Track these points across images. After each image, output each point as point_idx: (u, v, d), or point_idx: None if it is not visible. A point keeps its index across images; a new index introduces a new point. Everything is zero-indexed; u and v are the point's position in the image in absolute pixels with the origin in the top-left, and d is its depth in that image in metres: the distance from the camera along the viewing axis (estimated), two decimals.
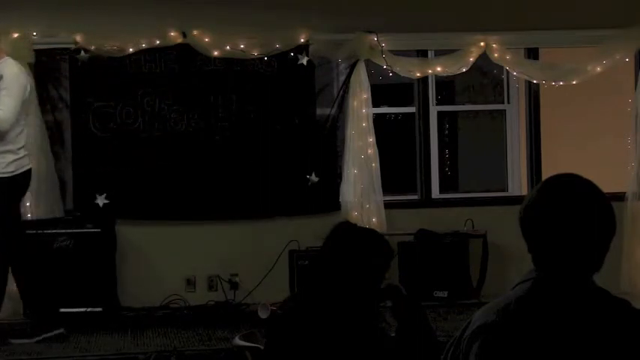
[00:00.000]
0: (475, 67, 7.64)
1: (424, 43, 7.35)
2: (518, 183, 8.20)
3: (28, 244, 5.90)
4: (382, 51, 7.03)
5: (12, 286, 6.53)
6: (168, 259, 6.97)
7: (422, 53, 7.46)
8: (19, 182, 5.74)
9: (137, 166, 6.94)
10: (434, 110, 7.87)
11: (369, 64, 7.13)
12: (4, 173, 5.62)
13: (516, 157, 8.23)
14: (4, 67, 5.68)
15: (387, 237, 3.44)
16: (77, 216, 6.70)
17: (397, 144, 8.48)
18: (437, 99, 8.37)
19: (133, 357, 5.38)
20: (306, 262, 6.57)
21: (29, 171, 5.79)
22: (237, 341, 3.52)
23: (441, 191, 8.02)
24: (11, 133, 5.64)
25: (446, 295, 6.82)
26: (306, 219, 6.93)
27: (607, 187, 2.20)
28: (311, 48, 7.05)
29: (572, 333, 1.95)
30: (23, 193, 5.92)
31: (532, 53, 7.50)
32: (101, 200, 6.84)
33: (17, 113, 5.61)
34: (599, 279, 2.05)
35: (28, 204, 6.63)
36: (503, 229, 6.69)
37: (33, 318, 5.86)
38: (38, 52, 6.73)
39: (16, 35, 6.64)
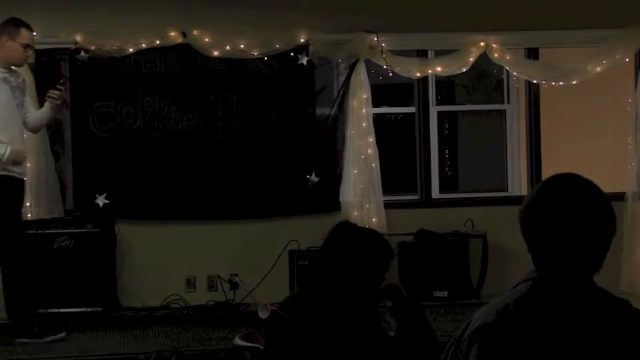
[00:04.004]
0: (475, 67, 7.64)
1: (424, 43, 7.34)
2: (518, 183, 8.19)
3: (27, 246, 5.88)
4: (382, 51, 7.03)
5: None
6: (168, 259, 6.97)
7: (422, 53, 7.46)
8: None
9: (137, 166, 6.94)
10: (434, 110, 7.87)
11: (369, 64, 7.13)
12: None
13: (516, 157, 8.22)
14: None
15: (387, 237, 3.45)
16: (77, 216, 6.69)
17: (397, 144, 8.47)
18: (437, 99, 8.36)
19: (133, 357, 5.37)
20: (306, 262, 6.57)
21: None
22: (237, 341, 3.52)
23: (441, 191, 8.02)
24: None
25: (446, 295, 6.82)
26: (306, 219, 6.93)
27: (607, 187, 2.20)
28: (311, 48, 7.05)
29: (572, 333, 1.95)
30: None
31: (532, 53, 7.50)
32: (101, 200, 6.84)
33: None
34: (599, 279, 2.05)
35: (28, 204, 6.63)
36: (503, 229, 6.70)
37: (12, 321, 5.81)
38: (38, 52, 6.71)
39: None
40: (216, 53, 6.94)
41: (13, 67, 5.86)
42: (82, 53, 6.79)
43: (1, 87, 5.73)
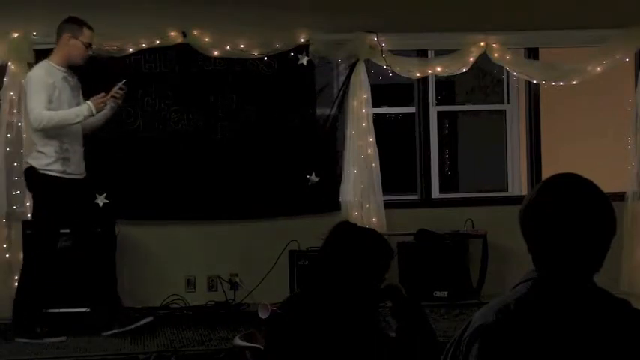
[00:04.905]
0: (475, 67, 7.64)
1: (424, 43, 7.34)
2: (518, 183, 8.20)
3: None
4: (382, 51, 7.03)
5: (13, 285, 6.54)
6: (168, 259, 6.97)
7: (422, 53, 7.45)
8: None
9: (137, 166, 6.93)
10: (434, 110, 7.87)
11: (369, 64, 7.13)
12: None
13: (516, 157, 8.23)
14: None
15: (387, 237, 3.44)
16: None
17: (397, 144, 8.47)
18: (437, 99, 8.37)
19: (133, 357, 5.38)
20: (306, 262, 6.57)
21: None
22: (237, 341, 3.52)
23: (441, 191, 8.02)
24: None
25: (446, 295, 6.82)
26: (306, 219, 6.93)
27: (607, 187, 2.20)
28: (311, 48, 7.04)
29: (572, 333, 1.95)
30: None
31: (532, 53, 7.50)
32: (101, 200, 6.84)
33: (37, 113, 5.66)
34: (599, 279, 2.05)
35: (28, 204, 6.63)
36: (503, 229, 6.69)
37: (14, 320, 5.84)
38: (38, 52, 6.71)
39: (16, 35, 6.65)
40: (216, 53, 6.94)
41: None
42: None
43: (62, 86, 5.79)
